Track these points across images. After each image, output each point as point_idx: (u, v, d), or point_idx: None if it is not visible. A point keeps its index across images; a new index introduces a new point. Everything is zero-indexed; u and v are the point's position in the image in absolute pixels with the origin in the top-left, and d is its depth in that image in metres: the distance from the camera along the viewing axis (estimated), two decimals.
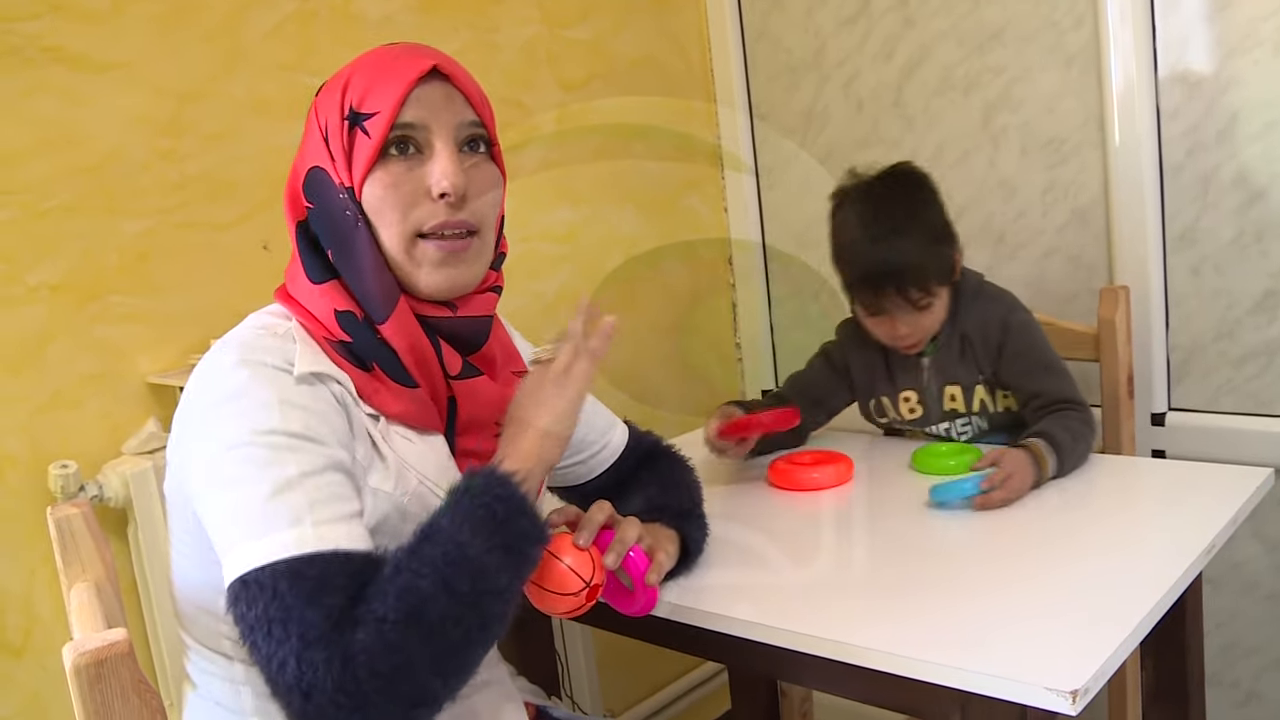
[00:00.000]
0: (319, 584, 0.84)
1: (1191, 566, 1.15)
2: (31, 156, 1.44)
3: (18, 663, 1.45)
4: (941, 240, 1.58)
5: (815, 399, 1.74)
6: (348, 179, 1.00)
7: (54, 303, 1.47)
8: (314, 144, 1.03)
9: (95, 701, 0.69)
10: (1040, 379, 1.57)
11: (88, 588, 0.95)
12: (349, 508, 0.91)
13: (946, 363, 1.63)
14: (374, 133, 0.99)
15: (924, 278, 1.54)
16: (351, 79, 1.01)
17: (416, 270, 1.02)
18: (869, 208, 1.59)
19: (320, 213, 1.02)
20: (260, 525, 0.86)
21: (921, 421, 1.68)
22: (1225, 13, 1.75)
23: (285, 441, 0.89)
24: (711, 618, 1.17)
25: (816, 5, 2.27)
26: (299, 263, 1.04)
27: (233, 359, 0.94)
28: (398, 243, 1.01)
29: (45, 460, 1.45)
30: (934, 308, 1.57)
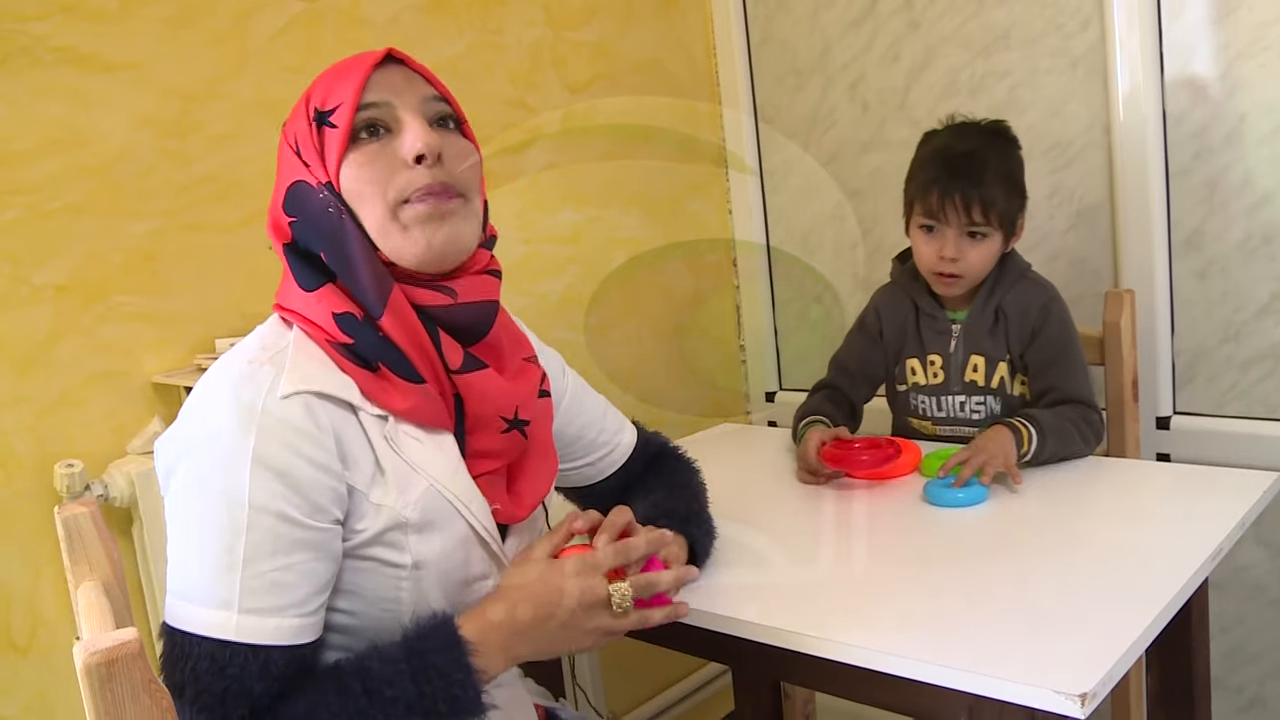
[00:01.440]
0: (229, 689, 0.89)
1: (1198, 571, 1.15)
2: (39, 156, 1.44)
3: (23, 661, 1.45)
4: (1014, 189, 1.61)
5: (859, 374, 1.77)
6: (324, 175, 1.00)
7: (60, 303, 1.47)
8: (288, 164, 1.03)
9: (107, 701, 0.69)
10: (1059, 373, 1.59)
11: (95, 587, 0.95)
12: (288, 598, 0.92)
13: (976, 332, 1.65)
14: (340, 122, 0.99)
15: (990, 200, 1.57)
16: (312, 91, 1.03)
17: (405, 235, 1.00)
18: (958, 134, 1.65)
19: (304, 222, 1.01)
20: (194, 590, 0.91)
21: (941, 388, 1.68)
22: (1232, 16, 1.75)
23: (244, 515, 0.90)
24: (716, 619, 1.17)
25: (822, 7, 2.27)
26: (290, 277, 1.04)
27: (226, 399, 0.94)
28: (382, 215, 1.00)
29: (51, 460, 1.45)
30: (984, 244, 1.59)
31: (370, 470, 0.98)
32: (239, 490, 0.91)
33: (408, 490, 0.99)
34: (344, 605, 0.99)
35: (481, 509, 1.05)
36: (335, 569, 0.97)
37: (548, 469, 1.16)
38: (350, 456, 0.97)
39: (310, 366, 0.98)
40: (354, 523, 0.97)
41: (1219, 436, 1.85)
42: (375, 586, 0.99)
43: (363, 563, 0.98)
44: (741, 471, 1.67)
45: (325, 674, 0.94)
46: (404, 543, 0.98)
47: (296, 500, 0.92)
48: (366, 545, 0.98)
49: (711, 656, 1.34)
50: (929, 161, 1.64)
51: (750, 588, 1.23)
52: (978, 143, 1.62)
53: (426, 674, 0.92)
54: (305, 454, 0.93)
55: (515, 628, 0.98)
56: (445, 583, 1.02)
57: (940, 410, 1.70)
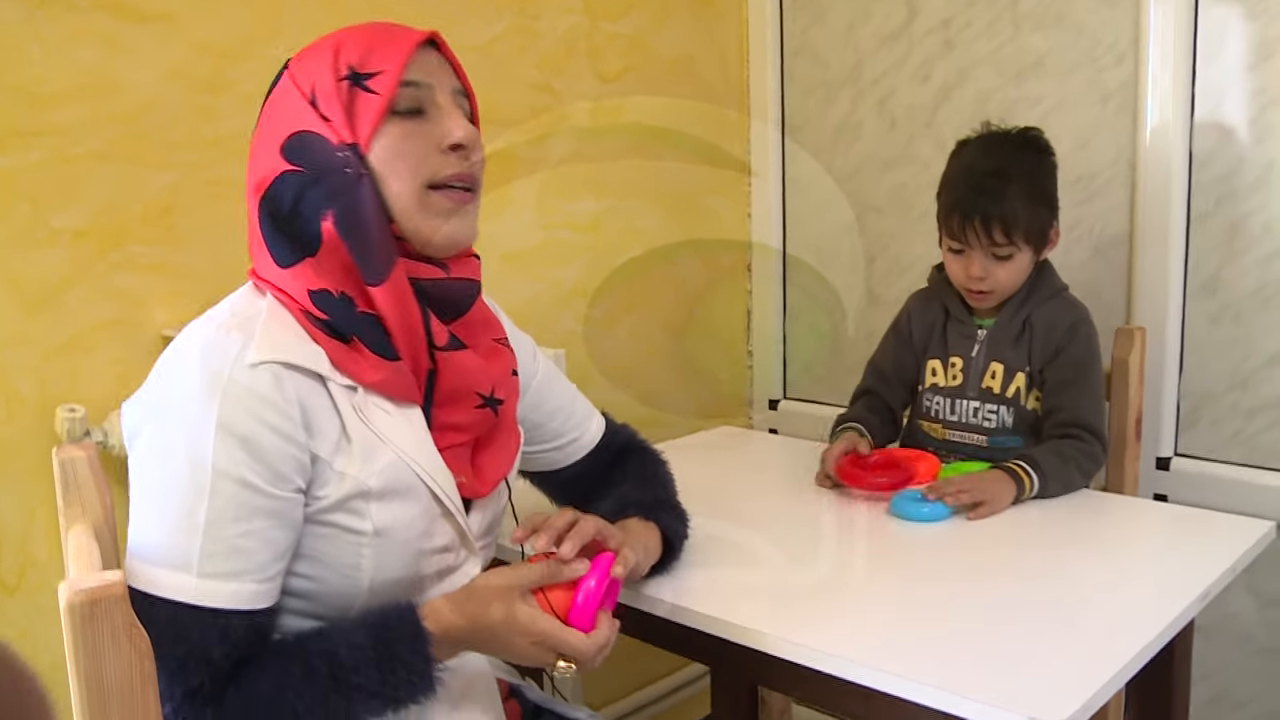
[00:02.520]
0: (190, 653, 0.90)
1: (1185, 611, 1.15)
2: (67, 100, 1.45)
3: (10, 599, 1.46)
4: (1041, 203, 1.60)
5: (894, 378, 1.78)
6: (349, 136, 1.00)
7: (76, 248, 1.47)
8: (290, 112, 1.01)
9: (87, 640, 0.70)
10: (1072, 396, 1.59)
11: (86, 530, 0.95)
12: (247, 563, 0.93)
13: (1000, 340, 1.65)
14: (382, 89, 1.00)
15: (1012, 222, 1.56)
16: (342, 44, 1.02)
17: (428, 221, 1.02)
18: (985, 149, 1.65)
19: (310, 175, 1.00)
20: (154, 551, 0.92)
21: (958, 391, 1.68)
22: (1268, 63, 1.75)
23: (207, 480, 0.91)
24: (698, 617, 1.17)
25: (858, 21, 2.27)
26: (264, 248, 1.02)
27: (194, 362, 0.94)
28: (412, 194, 1.01)
29: (54, 403, 1.46)
30: (1013, 262, 1.59)
31: (335, 438, 0.99)
32: (203, 455, 0.91)
33: (372, 460, 1.00)
34: (305, 570, 1.00)
35: (447, 481, 1.06)
36: (295, 537, 0.98)
37: (511, 445, 1.17)
38: (315, 425, 0.97)
39: (281, 335, 0.98)
40: (316, 489, 0.98)
41: (1218, 481, 1.85)
42: (336, 553, 1.00)
43: (324, 529, 0.99)
44: (738, 474, 1.67)
45: (290, 653, 0.95)
46: (365, 510, 0.99)
47: (259, 468, 0.93)
48: (328, 511, 0.98)
49: (691, 655, 1.35)
50: (954, 182, 1.64)
51: (735, 590, 1.23)
52: (1004, 158, 1.61)
53: (391, 663, 0.94)
54: (269, 422, 0.94)
55: (471, 642, 1.01)
56: (406, 551, 1.03)
57: (953, 414, 1.69)
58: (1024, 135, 1.65)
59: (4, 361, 1.43)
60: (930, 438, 1.72)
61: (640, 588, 1.21)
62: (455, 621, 0.99)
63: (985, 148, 1.65)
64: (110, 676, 0.71)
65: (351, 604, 1.02)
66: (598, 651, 1.01)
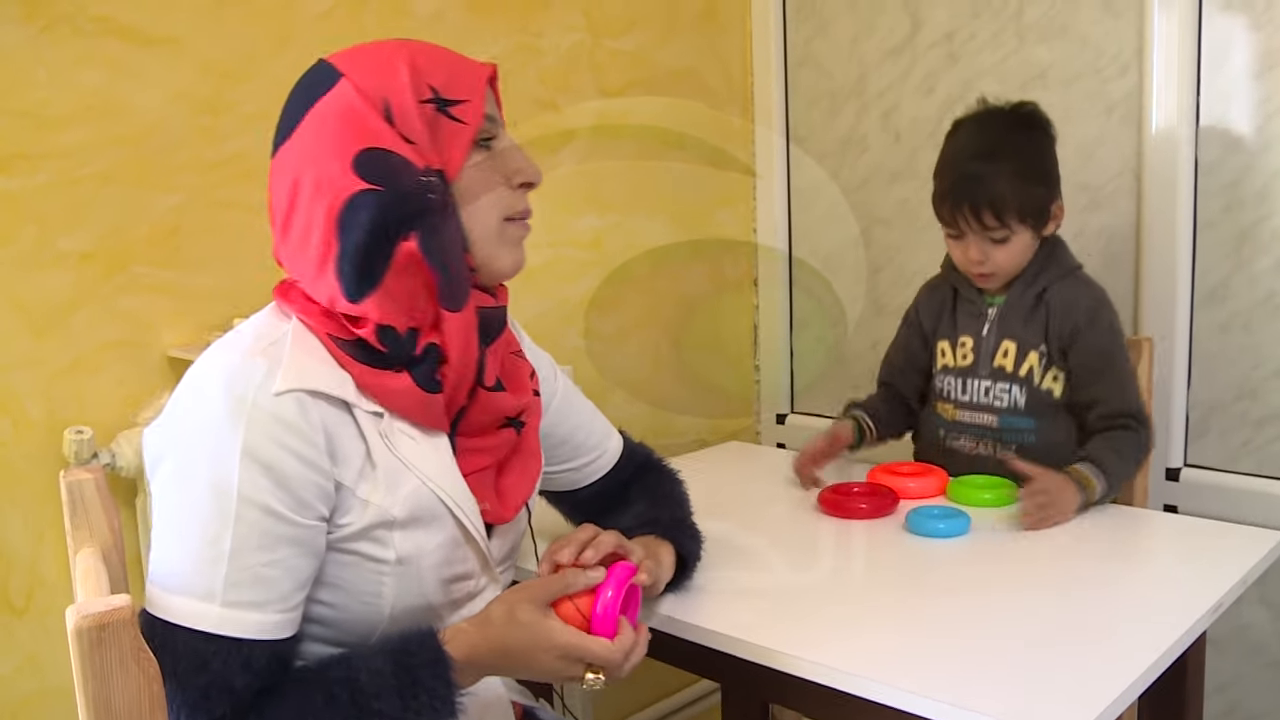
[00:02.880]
0: (212, 683, 0.89)
1: (1197, 624, 1.14)
2: (73, 123, 1.46)
3: (19, 622, 1.45)
4: (1035, 180, 1.57)
5: (906, 366, 1.78)
6: (436, 161, 0.98)
7: (82, 270, 1.48)
8: (362, 124, 0.97)
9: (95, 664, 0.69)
10: (1107, 386, 1.57)
11: (94, 553, 0.96)
12: (271, 593, 0.92)
13: (1011, 316, 1.63)
14: (469, 119, 1.00)
15: (1001, 206, 1.54)
16: (417, 65, 0.99)
17: (502, 250, 1.05)
18: (976, 130, 1.62)
19: (391, 196, 0.96)
20: (177, 579, 0.91)
21: (969, 371, 1.66)
22: (1273, 71, 1.74)
23: (231, 507, 0.90)
24: (708, 634, 1.16)
25: (862, 34, 2.27)
26: (333, 276, 0.97)
27: (218, 389, 0.93)
28: (492, 224, 1.03)
29: (61, 425, 1.46)
30: (1010, 244, 1.57)
31: (360, 465, 0.98)
32: (227, 482, 0.90)
33: (397, 488, 0.99)
34: (325, 597, 0.99)
35: (471, 508, 1.05)
36: (318, 564, 0.97)
37: (533, 469, 1.17)
38: (340, 453, 0.96)
39: (307, 361, 0.97)
40: (339, 517, 0.97)
41: (1228, 492, 1.84)
42: (357, 580, 0.99)
43: (346, 556, 0.98)
44: (746, 490, 1.67)
45: (312, 681, 0.94)
46: (388, 539, 0.99)
47: (283, 495, 0.92)
48: (350, 539, 0.98)
49: (701, 672, 1.34)
50: (944, 167, 1.63)
51: (745, 606, 1.22)
52: (994, 138, 1.59)
53: (414, 689, 0.93)
54: (294, 449, 0.93)
55: (496, 664, 1.00)
56: (428, 579, 1.02)
57: (964, 394, 1.67)
58: (1017, 112, 1.63)
59: (12, 384, 1.43)
60: (941, 419, 1.71)
61: (651, 605, 1.21)
62: (477, 645, 0.98)
63: (976, 128, 1.63)
64: (119, 701, 0.71)
65: (372, 631, 1.01)
66: (624, 658, 1.00)
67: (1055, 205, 1.61)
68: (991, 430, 1.65)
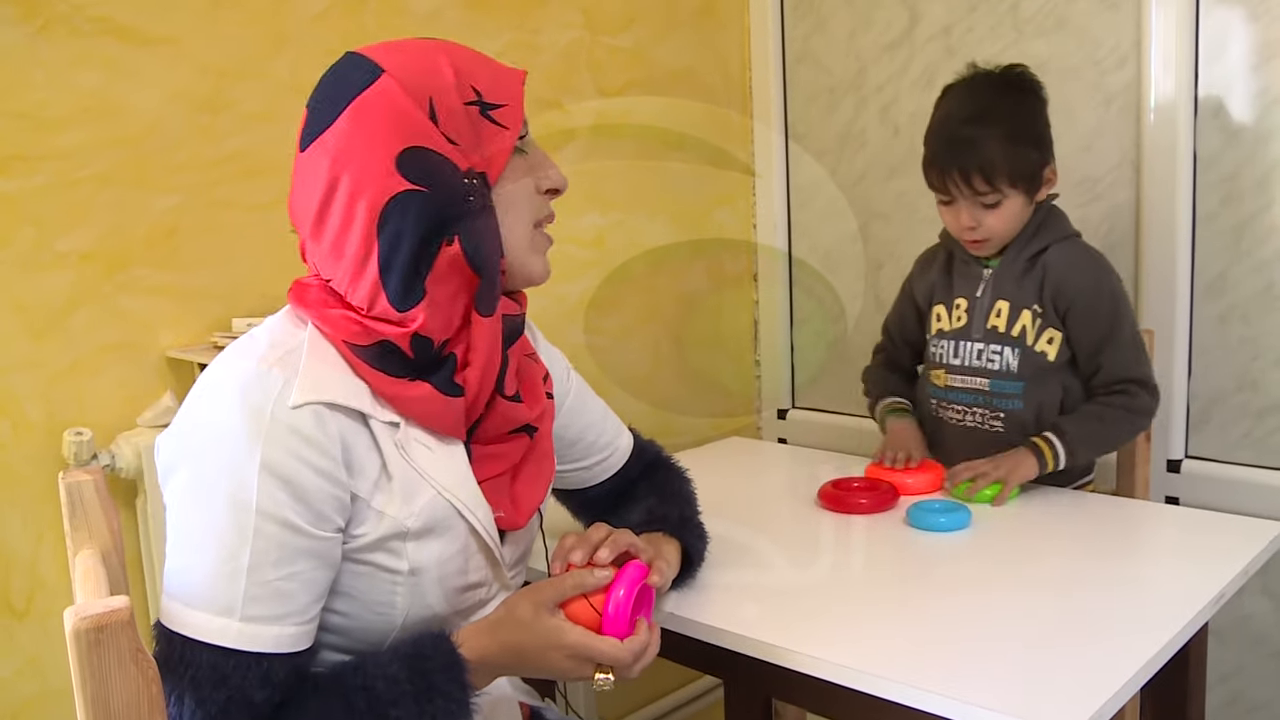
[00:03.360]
0: (232, 698, 0.88)
1: (1199, 615, 1.14)
2: (71, 124, 1.45)
3: (20, 625, 1.45)
4: (1025, 142, 1.56)
5: (899, 337, 1.81)
6: (479, 164, 0.98)
7: (81, 271, 1.48)
8: (407, 121, 0.95)
9: (93, 666, 0.69)
10: (1109, 353, 1.58)
11: (93, 554, 0.95)
12: (289, 606, 0.92)
13: (1006, 277, 1.62)
14: (510, 125, 1.00)
15: (991, 169, 1.53)
16: (459, 66, 0.98)
17: (534, 257, 1.06)
18: (966, 94, 1.61)
19: (437, 197, 0.95)
20: (195, 594, 0.89)
21: (962, 333, 1.66)
22: (1271, 63, 1.74)
23: (250, 522, 0.89)
24: (711, 630, 1.17)
25: (859, 29, 2.27)
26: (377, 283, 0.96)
27: (233, 400, 0.92)
28: (525, 229, 1.04)
29: (61, 426, 1.46)
30: (1002, 208, 1.57)
31: (375, 476, 0.97)
32: (246, 496, 0.90)
33: (413, 499, 0.99)
34: (339, 607, 0.99)
35: (486, 516, 1.05)
36: (333, 575, 0.97)
37: (546, 473, 1.16)
38: (356, 464, 0.96)
39: (323, 371, 0.95)
40: (354, 528, 0.97)
41: (1229, 483, 1.84)
42: (371, 590, 0.99)
43: (360, 566, 0.98)
44: (748, 486, 1.67)
45: (329, 689, 0.94)
46: (402, 550, 0.99)
47: (301, 509, 0.91)
48: (365, 550, 0.97)
49: (705, 669, 1.34)
50: (933, 134, 1.62)
51: (748, 602, 1.23)
52: (984, 102, 1.58)
53: (430, 694, 0.93)
54: (311, 462, 0.92)
55: (508, 665, 1.00)
56: (440, 589, 1.02)
57: (956, 356, 1.67)
58: (1006, 76, 1.62)
59: (11, 385, 1.43)
60: (934, 388, 1.71)
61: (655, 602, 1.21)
62: (489, 647, 0.98)
63: (965, 92, 1.62)
64: (117, 702, 0.71)
65: (384, 639, 1.01)
66: (633, 657, 1.00)
67: (1048, 169, 1.60)
68: (982, 394, 1.64)
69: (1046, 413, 1.59)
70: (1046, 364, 1.60)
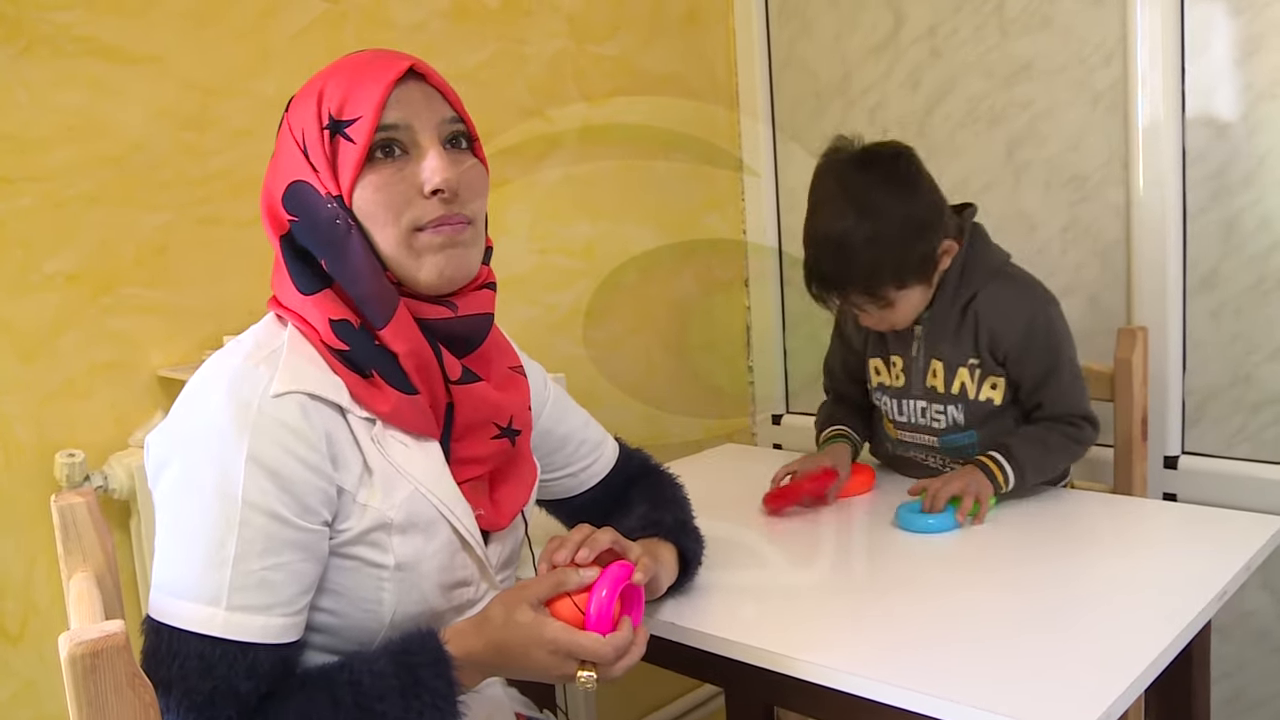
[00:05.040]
0: (218, 687, 0.89)
1: (1202, 612, 1.14)
2: (56, 144, 1.45)
3: (14, 650, 1.44)
4: (908, 239, 1.45)
5: (844, 377, 1.75)
6: (334, 187, 0.99)
7: (69, 292, 1.47)
8: (289, 158, 1.01)
9: (89, 692, 0.68)
10: (1050, 388, 1.54)
11: (87, 578, 0.95)
12: (276, 596, 0.92)
13: (937, 335, 1.56)
14: (358, 137, 0.98)
15: (873, 285, 1.46)
16: (326, 88, 1.00)
17: (417, 263, 1.00)
18: (832, 196, 1.50)
19: (306, 225, 1.00)
20: (182, 585, 0.91)
21: (904, 392, 1.62)
22: (1255, 57, 1.75)
23: (236, 512, 0.91)
24: (709, 639, 1.16)
25: (845, 32, 2.27)
26: (286, 275, 1.03)
27: (221, 396, 0.94)
28: (396, 241, 0.99)
29: (52, 448, 1.45)
30: (900, 304, 1.50)
31: (359, 471, 0.99)
32: (233, 487, 0.91)
33: (393, 493, 1.00)
34: (327, 604, 1.00)
35: (466, 514, 1.05)
36: (321, 570, 0.97)
37: (529, 477, 1.17)
38: (341, 458, 0.98)
39: (303, 366, 0.98)
40: (340, 522, 0.98)
41: (1226, 478, 1.84)
42: (358, 586, 1.00)
43: (346, 561, 0.99)
44: (743, 492, 1.66)
45: (315, 682, 0.94)
46: (387, 543, 0.99)
47: (287, 500, 0.93)
48: (350, 544, 0.98)
49: (704, 677, 1.34)
50: (805, 242, 1.52)
51: (746, 609, 1.22)
52: (850, 209, 1.45)
53: (416, 690, 0.94)
54: (298, 454, 0.94)
55: (493, 664, 1.00)
56: (427, 585, 1.03)
57: (901, 414, 1.64)
58: (867, 159, 1.50)
59: (1, 408, 1.42)
60: (886, 435, 1.70)
61: (651, 610, 1.20)
62: (474, 644, 0.99)
63: (833, 193, 1.49)
64: None
65: (373, 639, 1.02)
66: (616, 653, 0.99)
67: (941, 247, 1.50)
68: (935, 450, 1.63)
69: None
70: (994, 409, 1.57)
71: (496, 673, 1.02)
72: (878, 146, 1.53)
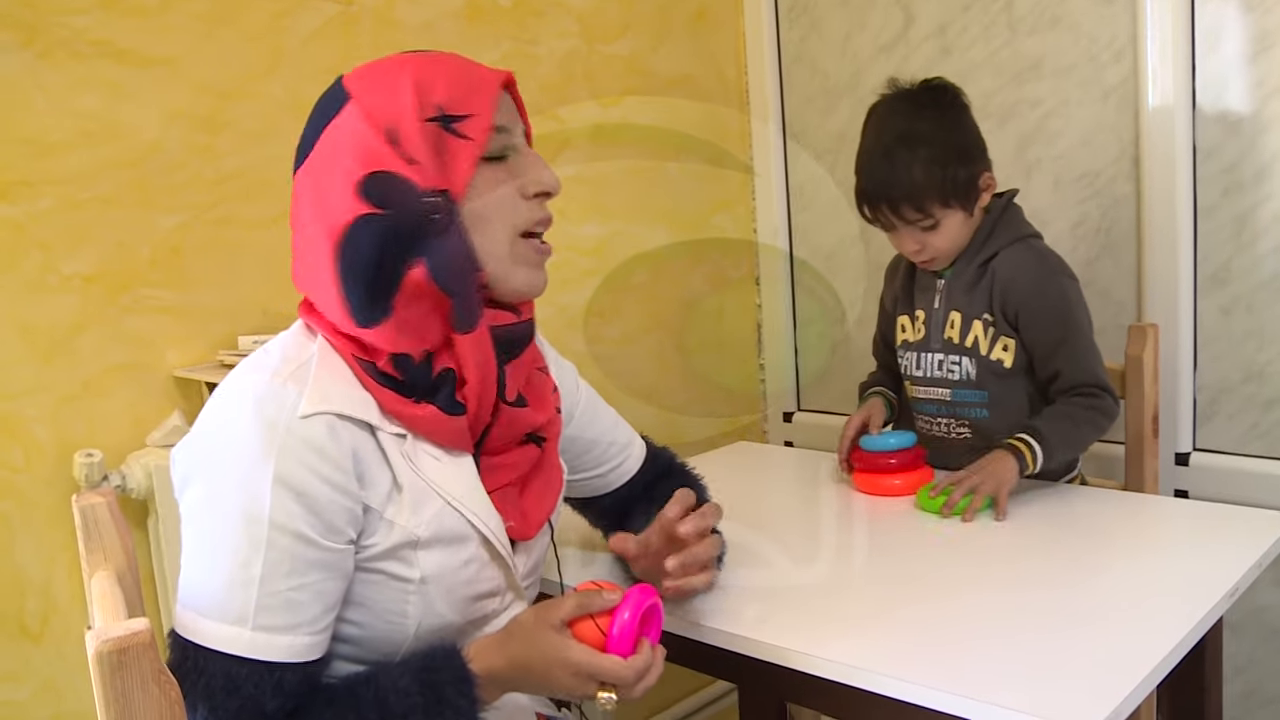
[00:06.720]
0: (244, 706, 0.90)
1: (1214, 609, 1.14)
2: (73, 148, 1.46)
3: (35, 648, 1.45)
4: (952, 161, 1.53)
5: (887, 347, 1.80)
6: (440, 181, 0.97)
7: (87, 293, 1.48)
8: (367, 146, 0.96)
9: (116, 689, 0.69)
10: (1065, 355, 1.56)
11: (109, 576, 0.96)
12: (301, 616, 0.93)
13: (957, 287, 1.62)
14: (476, 135, 0.98)
15: (919, 196, 1.52)
16: (423, 82, 0.98)
17: (515, 269, 1.02)
18: (884, 120, 1.58)
19: (394, 219, 0.95)
20: (207, 603, 0.91)
21: (923, 345, 1.66)
22: (1268, 54, 1.74)
23: (263, 533, 0.91)
24: (723, 635, 1.16)
25: (855, 31, 2.27)
26: (341, 301, 0.98)
27: (249, 415, 0.93)
28: (504, 242, 1.00)
29: (71, 448, 1.46)
30: (941, 229, 1.55)
31: (387, 488, 0.98)
32: (259, 508, 0.91)
33: (422, 509, 1.00)
34: (352, 616, 1.00)
35: (498, 525, 1.05)
36: (346, 586, 0.98)
37: (555, 484, 1.17)
38: (367, 476, 0.97)
39: (331, 383, 0.97)
40: (365, 538, 0.98)
41: (1238, 475, 1.84)
42: (383, 599, 1.00)
43: (372, 575, 0.99)
44: (756, 490, 1.67)
45: (341, 700, 0.94)
46: (413, 558, 0.99)
47: (313, 520, 0.93)
48: (377, 559, 0.98)
49: (718, 674, 1.34)
50: (858, 165, 1.60)
51: (760, 606, 1.23)
52: (903, 126, 1.54)
53: (439, 707, 0.94)
54: (324, 475, 0.93)
55: (515, 681, 1.00)
56: (453, 598, 1.03)
57: (919, 368, 1.68)
58: (922, 89, 1.59)
59: (20, 409, 1.43)
60: (909, 399, 1.73)
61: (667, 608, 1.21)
62: (497, 662, 0.98)
63: (884, 117, 1.59)
64: None
65: (397, 650, 1.02)
66: (636, 676, 0.99)
67: (983, 179, 1.57)
68: (946, 405, 1.65)
69: (1013, 418, 1.58)
70: (1004, 371, 1.59)
71: (517, 689, 1.02)
72: (926, 81, 1.61)
